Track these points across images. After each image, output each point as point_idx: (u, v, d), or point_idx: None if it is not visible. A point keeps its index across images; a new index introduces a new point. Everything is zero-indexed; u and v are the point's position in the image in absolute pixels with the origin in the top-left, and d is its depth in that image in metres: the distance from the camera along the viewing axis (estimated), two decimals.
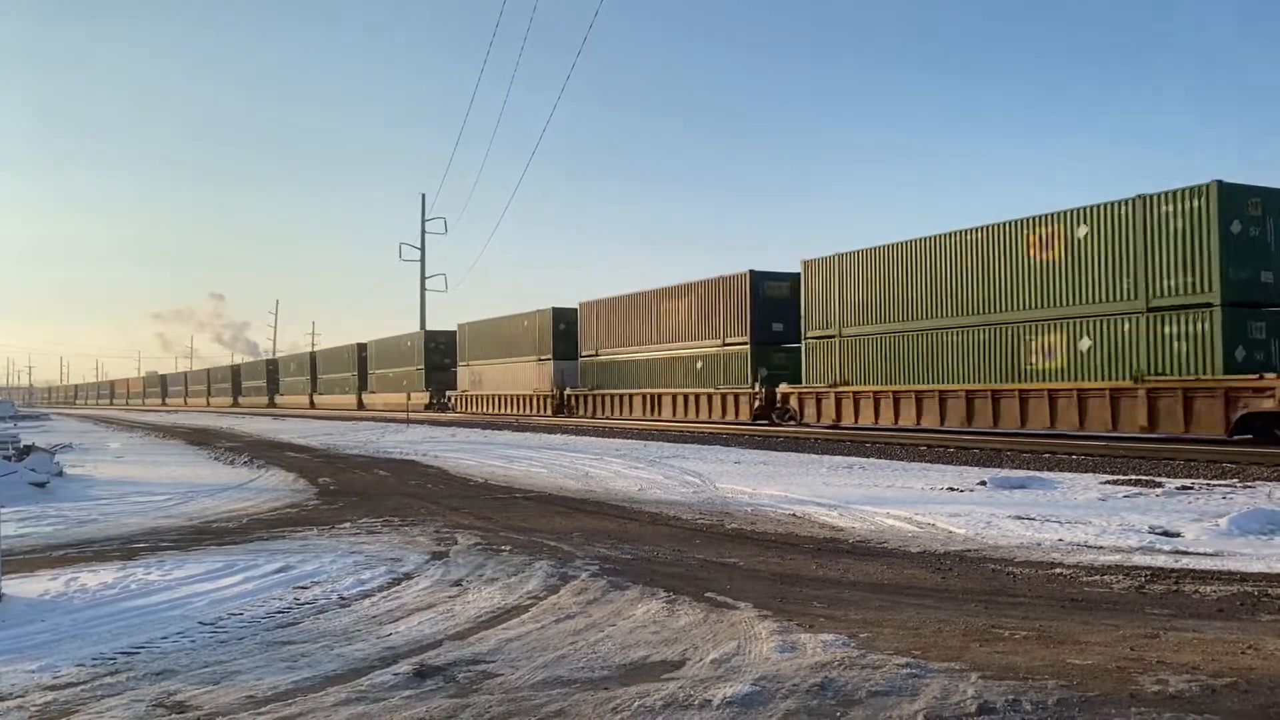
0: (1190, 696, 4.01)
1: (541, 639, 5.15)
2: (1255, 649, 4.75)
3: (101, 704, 4.17)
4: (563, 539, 8.60)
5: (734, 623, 5.40)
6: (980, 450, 17.32)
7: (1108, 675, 4.32)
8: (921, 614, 5.61)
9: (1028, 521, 9.07)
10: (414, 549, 8.14)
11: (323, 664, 4.73)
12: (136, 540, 8.98)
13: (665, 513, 10.44)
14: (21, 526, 9.83)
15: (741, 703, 3.99)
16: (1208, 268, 16.50)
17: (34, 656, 4.94)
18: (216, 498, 12.75)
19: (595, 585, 6.48)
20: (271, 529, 9.64)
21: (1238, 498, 10.56)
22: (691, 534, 8.98)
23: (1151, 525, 8.61)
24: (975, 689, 4.10)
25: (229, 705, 4.12)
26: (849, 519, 9.61)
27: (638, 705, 3.98)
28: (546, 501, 11.74)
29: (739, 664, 4.59)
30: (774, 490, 12.10)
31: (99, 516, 10.70)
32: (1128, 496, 10.91)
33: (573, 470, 15.70)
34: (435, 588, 6.55)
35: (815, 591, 6.32)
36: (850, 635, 5.06)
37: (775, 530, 9.11)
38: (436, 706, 4.02)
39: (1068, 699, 3.98)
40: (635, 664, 4.66)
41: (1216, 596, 6.01)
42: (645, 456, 18.29)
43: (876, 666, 4.46)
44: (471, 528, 9.43)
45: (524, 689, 4.27)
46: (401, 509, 11.10)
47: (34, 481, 13.03)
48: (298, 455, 21.26)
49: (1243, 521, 8.42)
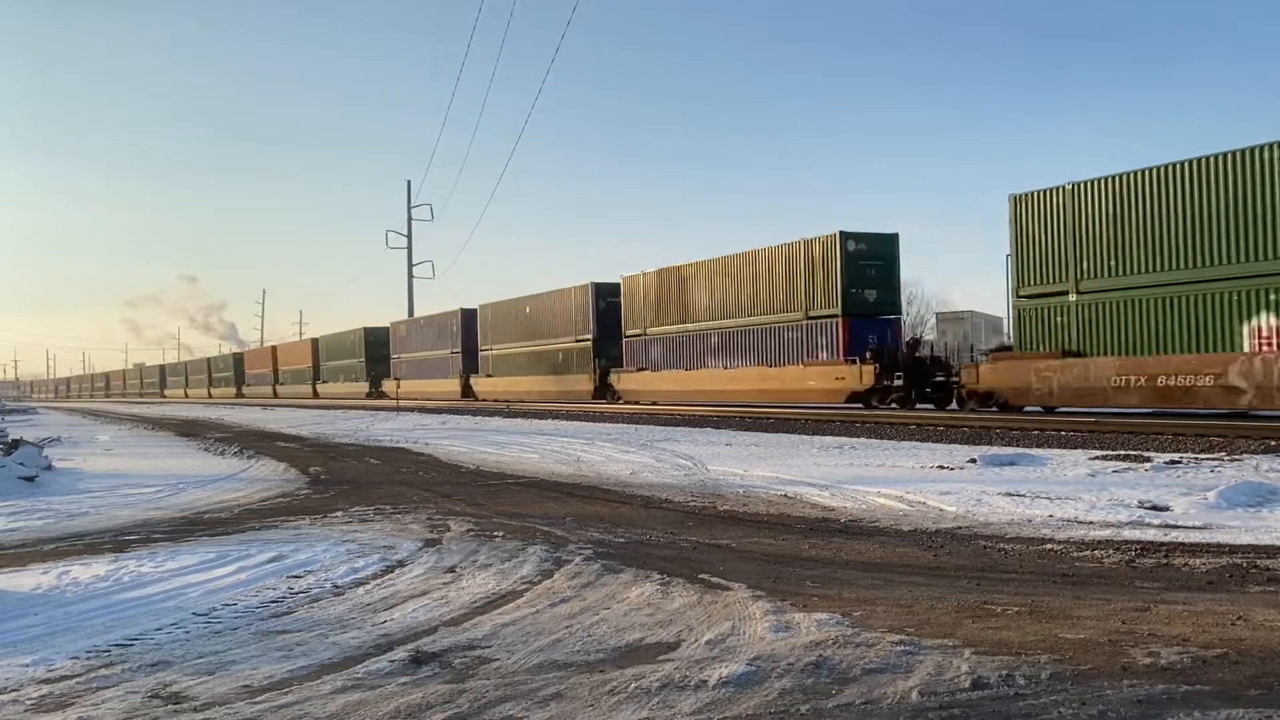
0: (1182, 668, 4.05)
1: (536, 623, 5.16)
2: (1245, 620, 4.80)
3: (97, 696, 4.16)
4: (556, 524, 8.61)
5: (728, 604, 5.42)
6: (969, 429, 17.41)
7: (1099, 649, 4.36)
8: (914, 592, 5.64)
9: (1018, 498, 9.12)
10: (407, 536, 8.14)
11: (318, 652, 4.73)
12: (128, 532, 8.95)
13: (658, 496, 10.47)
14: (11, 521, 9.79)
15: (737, 682, 4.01)
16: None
17: (27, 650, 4.92)
18: (207, 489, 12.71)
19: (589, 569, 6.49)
20: (264, 519, 9.62)
21: (1226, 471, 10.64)
22: (684, 516, 9.00)
23: (1141, 499, 8.68)
24: (969, 665, 4.13)
25: (225, 695, 4.12)
26: (840, 499, 9.65)
27: (634, 687, 4.00)
28: (539, 487, 11.75)
29: (734, 644, 4.61)
30: (765, 471, 12.14)
31: (90, 509, 10.65)
32: (1117, 472, 10.98)
33: (564, 455, 15.71)
34: (429, 575, 6.55)
35: (808, 571, 6.35)
36: (844, 614, 5.08)
37: (767, 511, 9.14)
38: (433, 692, 4.03)
39: (1060, 673, 4.01)
40: (630, 646, 4.67)
41: (1206, 569, 6.06)
42: (636, 440, 18.32)
43: (870, 644, 4.49)
44: (464, 514, 9.43)
45: (520, 673, 4.28)
46: (393, 497, 11.09)
47: (23, 476, 12.95)
48: (288, 445, 21.21)
49: (1231, 494, 8.50)
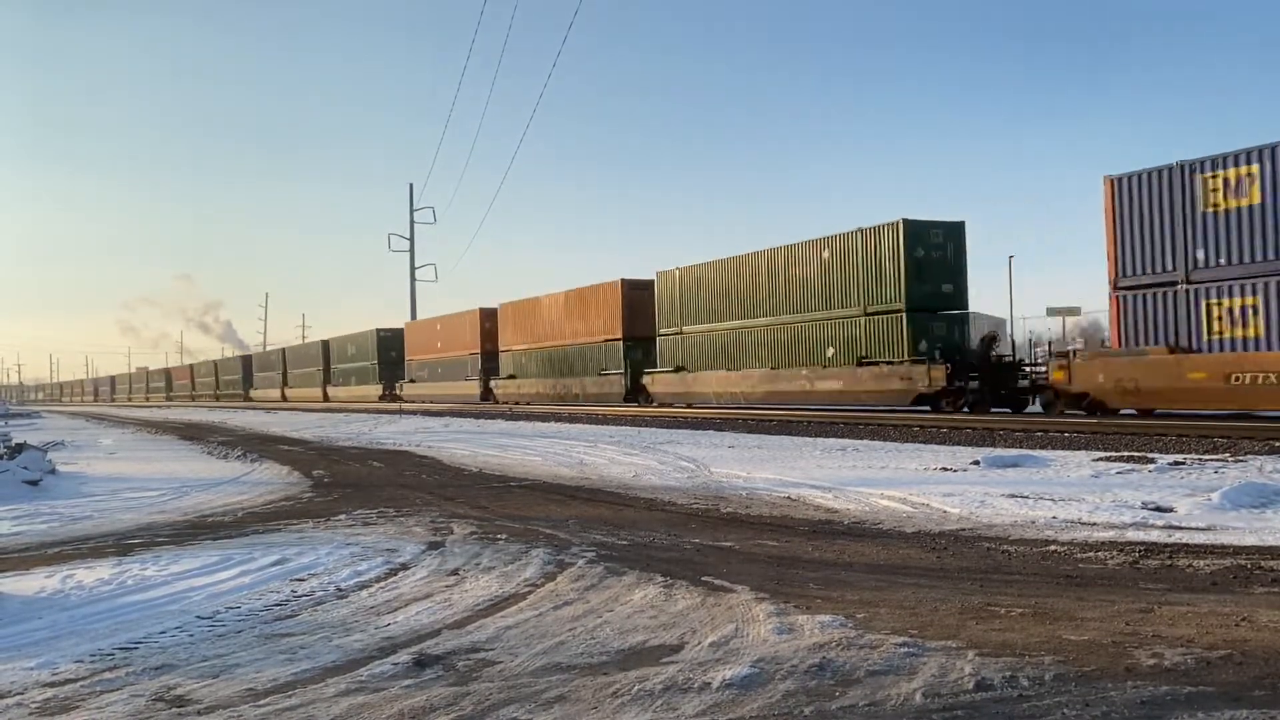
0: (1186, 669, 4.05)
1: (540, 626, 5.16)
2: (1249, 621, 4.79)
3: (101, 699, 4.17)
4: (559, 526, 8.61)
5: (731, 606, 5.42)
6: (973, 430, 17.39)
7: (1104, 650, 4.35)
8: (918, 593, 5.63)
9: (1021, 500, 9.11)
10: (410, 539, 8.14)
11: (322, 655, 4.73)
12: (132, 536, 8.96)
13: (660, 498, 10.46)
14: (15, 524, 9.80)
15: (741, 684, 4.01)
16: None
17: (32, 654, 4.92)
18: (211, 492, 12.72)
19: (592, 571, 6.49)
20: (267, 522, 9.63)
21: (1230, 472, 10.63)
22: (687, 519, 9.00)
23: (1144, 501, 8.67)
24: (972, 666, 4.13)
25: (229, 698, 4.12)
26: (844, 501, 9.64)
27: (637, 689, 3.99)
28: (541, 489, 11.75)
29: (737, 646, 4.61)
30: (768, 474, 12.13)
31: (93, 513, 10.66)
32: (1120, 473, 10.97)
33: (567, 458, 15.71)
34: (432, 577, 6.56)
35: (811, 573, 6.34)
36: (847, 616, 5.08)
37: (770, 513, 9.14)
38: (436, 695, 4.03)
39: (1064, 674, 4.00)
40: (634, 649, 4.67)
41: (1210, 570, 6.06)
42: (639, 442, 18.32)
43: (874, 646, 4.49)
44: (467, 517, 9.43)
45: (523, 676, 4.28)
46: (396, 500, 11.09)
47: (27, 479, 12.96)
48: (291, 448, 21.22)
49: (1235, 495, 8.48)
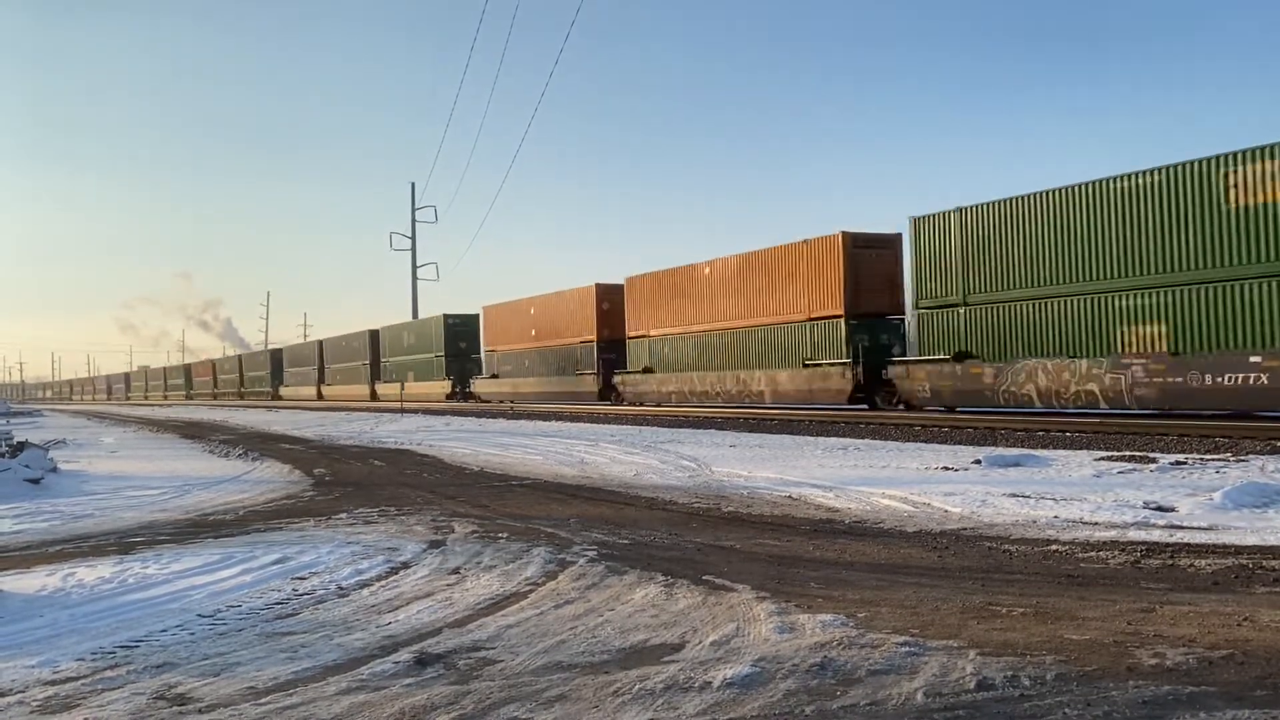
0: (1187, 669, 4.04)
1: (541, 625, 5.16)
2: (1251, 621, 4.78)
3: (102, 697, 4.17)
4: (559, 525, 8.61)
5: (732, 605, 5.42)
6: (974, 429, 17.38)
7: (1105, 650, 4.35)
8: (919, 593, 5.63)
9: (1023, 499, 9.11)
10: (411, 538, 8.14)
11: (323, 654, 4.73)
12: (133, 534, 8.97)
13: (661, 497, 10.46)
14: (17, 523, 9.81)
15: (742, 684, 4.01)
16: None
17: (33, 652, 4.93)
18: (212, 490, 12.73)
19: (593, 570, 6.49)
20: (268, 520, 9.63)
21: (1231, 471, 10.62)
22: (688, 518, 9.00)
23: (1146, 500, 8.66)
24: (974, 666, 4.12)
25: (230, 696, 4.12)
26: (845, 500, 9.64)
27: (638, 688, 3.99)
28: (543, 488, 11.75)
29: (738, 645, 4.60)
30: (769, 473, 12.13)
31: (95, 511, 10.67)
32: (1122, 473, 10.96)
33: (568, 457, 15.71)
34: (433, 576, 6.56)
35: (812, 572, 6.34)
36: (848, 615, 5.08)
37: (771, 512, 9.13)
38: (437, 694, 4.03)
39: (1066, 674, 4.00)
40: (635, 647, 4.67)
41: (1211, 570, 6.05)
42: (640, 442, 18.31)
43: (875, 645, 4.48)
44: (468, 516, 9.44)
45: (524, 675, 4.28)
46: (397, 498, 11.10)
47: (28, 478, 12.98)
48: (292, 447, 21.22)
49: (1236, 495, 8.47)
